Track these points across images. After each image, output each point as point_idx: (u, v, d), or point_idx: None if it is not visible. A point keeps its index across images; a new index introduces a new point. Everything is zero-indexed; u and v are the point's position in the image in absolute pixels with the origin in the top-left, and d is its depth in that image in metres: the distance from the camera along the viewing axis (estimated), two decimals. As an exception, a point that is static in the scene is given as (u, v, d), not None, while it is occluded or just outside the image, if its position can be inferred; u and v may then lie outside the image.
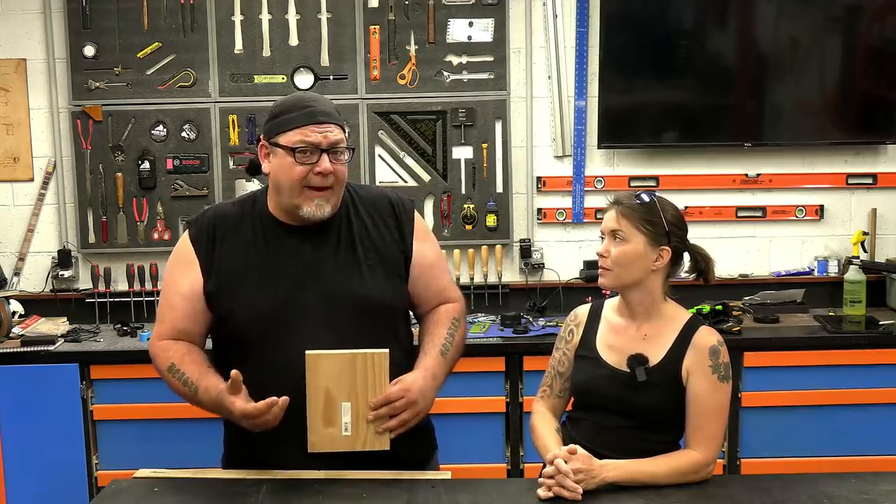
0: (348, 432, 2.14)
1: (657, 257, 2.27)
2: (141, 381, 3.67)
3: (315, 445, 2.14)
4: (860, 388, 3.70)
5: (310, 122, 2.19)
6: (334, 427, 2.14)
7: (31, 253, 4.24)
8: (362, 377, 2.13)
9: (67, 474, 3.72)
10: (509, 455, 3.75)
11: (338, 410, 2.13)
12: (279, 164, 2.22)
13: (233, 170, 4.16)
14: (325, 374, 2.12)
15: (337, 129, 2.22)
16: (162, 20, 4.11)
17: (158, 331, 2.34)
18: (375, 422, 2.14)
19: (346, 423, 2.14)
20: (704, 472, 2.21)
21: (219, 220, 2.31)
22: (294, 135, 2.19)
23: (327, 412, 2.13)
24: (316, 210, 2.22)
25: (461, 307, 2.44)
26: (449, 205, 4.18)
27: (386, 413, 2.14)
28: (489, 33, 4.12)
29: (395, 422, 2.15)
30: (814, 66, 4.15)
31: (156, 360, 2.34)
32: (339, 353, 2.13)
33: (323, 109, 2.23)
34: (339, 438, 2.14)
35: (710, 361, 2.23)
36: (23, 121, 4.20)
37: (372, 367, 2.13)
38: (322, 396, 2.12)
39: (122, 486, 2.23)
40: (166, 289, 2.35)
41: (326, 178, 2.20)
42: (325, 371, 2.11)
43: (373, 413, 2.14)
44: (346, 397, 2.13)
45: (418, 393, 2.18)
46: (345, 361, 2.13)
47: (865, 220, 4.25)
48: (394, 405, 2.14)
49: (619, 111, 4.15)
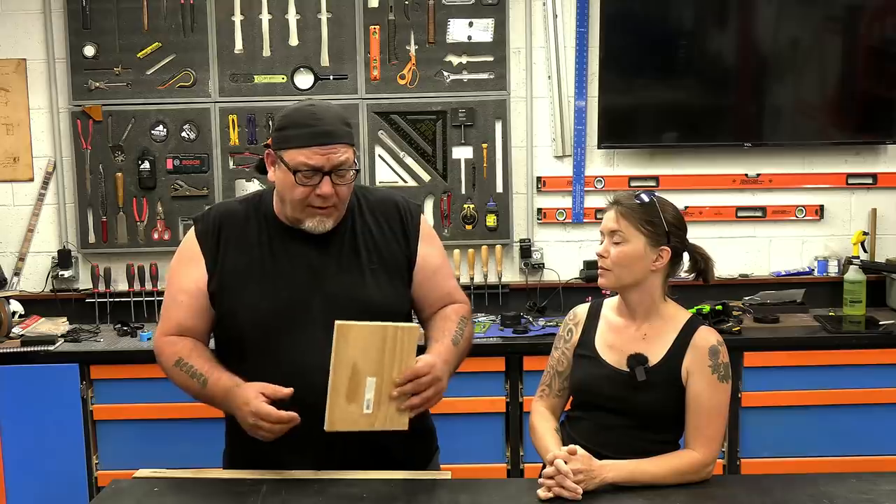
0: (369, 410, 2.06)
1: (657, 257, 2.27)
2: (141, 381, 3.68)
3: (334, 424, 2.05)
4: (860, 388, 3.70)
5: (314, 144, 2.15)
6: (356, 404, 2.05)
7: (31, 253, 4.24)
8: (390, 352, 2.06)
9: (67, 474, 3.72)
10: (509, 455, 3.75)
11: (362, 386, 2.05)
12: (283, 179, 2.20)
13: (233, 170, 4.16)
14: (353, 346, 2.03)
15: (343, 149, 2.18)
16: (162, 20, 4.11)
17: (163, 327, 2.33)
18: (399, 399, 2.08)
19: (369, 399, 2.06)
20: (704, 473, 2.20)
21: (224, 219, 2.31)
22: (297, 155, 2.15)
23: (352, 387, 2.04)
24: (318, 225, 2.22)
25: (468, 309, 2.43)
26: (449, 205, 4.18)
27: (411, 390, 2.09)
28: (489, 33, 4.12)
29: (418, 399, 2.10)
30: (814, 67, 4.15)
31: (161, 356, 2.31)
32: (371, 324, 2.05)
33: (328, 129, 2.18)
34: (360, 417, 2.06)
35: (709, 361, 2.23)
36: (23, 121, 4.20)
37: (402, 342, 2.06)
38: (348, 370, 2.03)
39: (122, 486, 2.23)
40: (171, 286, 2.33)
41: (327, 200, 2.18)
42: (355, 342, 2.03)
43: (398, 389, 2.07)
44: (372, 372, 2.05)
45: (442, 370, 2.15)
46: (376, 333, 2.05)
47: (865, 220, 4.25)
48: (419, 381, 2.09)
49: (619, 111, 4.15)
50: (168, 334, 2.31)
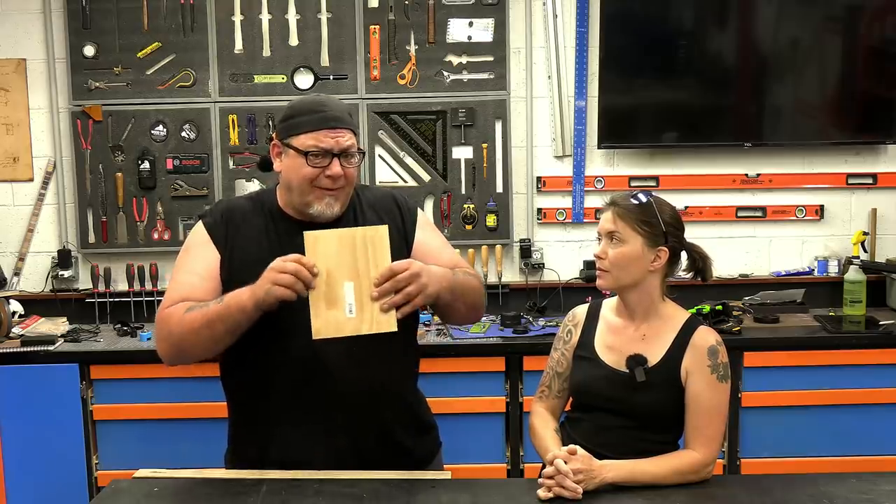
0: (352, 314, 2.09)
1: (655, 258, 2.27)
2: (141, 381, 3.68)
3: (319, 331, 2.09)
4: (860, 388, 3.70)
5: (323, 127, 2.22)
6: (338, 309, 2.09)
7: (31, 253, 4.24)
8: (363, 255, 2.10)
9: (67, 474, 3.72)
10: (509, 455, 3.75)
11: (340, 291, 2.09)
12: (290, 165, 2.25)
13: (233, 170, 4.16)
14: (324, 254, 2.08)
15: (349, 134, 2.25)
16: (162, 20, 4.11)
17: (166, 302, 2.25)
18: (381, 298, 2.10)
19: (350, 304, 2.09)
20: (704, 473, 2.21)
21: (231, 213, 2.33)
22: (307, 139, 2.22)
23: (329, 294, 2.08)
24: (326, 208, 2.25)
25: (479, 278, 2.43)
26: (449, 205, 4.18)
27: (390, 288, 2.10)
28: (489, 33, 4.12)
29: (400, 296, 2.11)
30: (814, 67, 4.15)
31: (170, 320, 2.20)
32: (338, 230, 2.12)
33: (336, 115, 2.25)
34: (344, 321, 2.09)
35: (708, 361, 2.23)
36: (23, 121, 4.20)
37: (372, 244, 2.10)
38: (323, 276, 2.08)
39: (122, 486, 2.23)
40: (178, 271, 2.31)
41: (337, 181, 2.23)
42: (325, 250, 2.09)
43: (377, 289, 2.10)
44: (348, 277, 2.09)
45: (422, 267, 2.15)
46: (344, 238, 2.10)
47: (865, 220, 4.25)
48: (397, 278, 2.10)
49: (619, 111, 4.15)
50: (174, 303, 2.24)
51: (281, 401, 2.26)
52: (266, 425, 2.29)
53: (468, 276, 2.36)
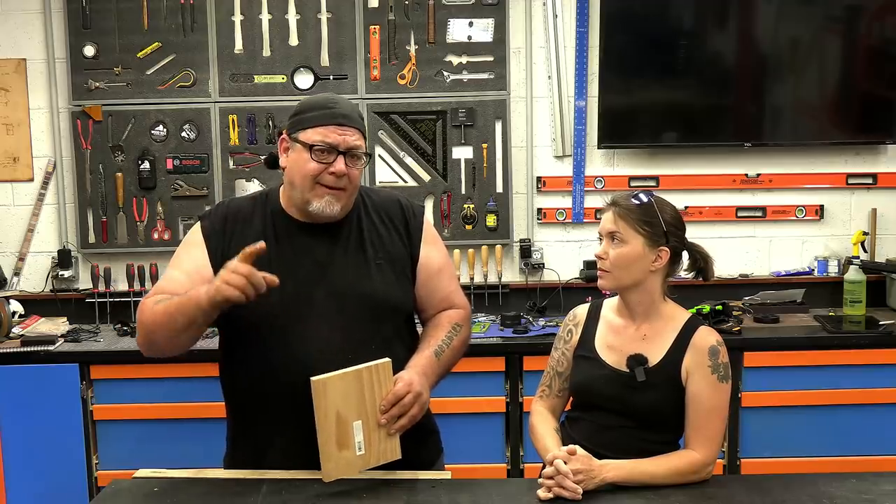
0: (362, 451, 2.11)
1: (656, 258, 2.27)
2: (141, 381, 3.68)
3: (330, 474, 2.10)
4: (860, 388, 3.70)
5: (331, 123, 2.22)
6: (348, 449, 2.10)
7: (31, 253, 4.25)
8: (369, 392, 2.10)
9: (67, 474, 3.72)
10: (509, 455, 3.75)
11: (350, 431, 2.09)
12: (296, 160, 2.24)
13: (233, 170, 4.16)
14: (333, 397, 2.07)
15: (357, 134, 2.25)
16: (162, 20, 4.11)
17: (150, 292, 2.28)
18: (387, 425, 2.12)
19: (359, 441, 2.10)
20: (704, 473, 2.20)
21: (231, 214, 2.33)
22: (314, 133, 2.21)
23: (340, 435, 2.09)
24: (326, 206, 2.23)
25: (465, 314, 2.44)
26: (449, 205, 4.18)
27: (397, 413, 2.12)
28: (489, 33, 4.12)
29: (406, 419, 2.13)
30: (814, 67, 4.15)
31: (143, 309, 2.20)
32: (344, 372, 2.09)
33: (345, 112, 2.25)
34: (354, 460, 2.11)
35: (709, 361, 2.23)
36: (23, 121, 4.20)
37: (378, 380, 2.11)
38: (333, 420, 2.08)
39: (122, 486, 2.23)
40: (169, 268, 2.34)
41: (340, 180, 2.22)
42: (333, 394, 2.07)
43: (384, 416, 2.11)
44: (357, 416, 2.10)
45: (421, 384, 2.17)
46: (350, 379, 2.09)
47: (865, 220, 4.25)
48: (403, 403, 2.12)
49: (619, 111, 4.15)
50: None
51: (279, 412, 2.24)
52: (264, 436, 2.27)
53: (454, 335, 2.35)
